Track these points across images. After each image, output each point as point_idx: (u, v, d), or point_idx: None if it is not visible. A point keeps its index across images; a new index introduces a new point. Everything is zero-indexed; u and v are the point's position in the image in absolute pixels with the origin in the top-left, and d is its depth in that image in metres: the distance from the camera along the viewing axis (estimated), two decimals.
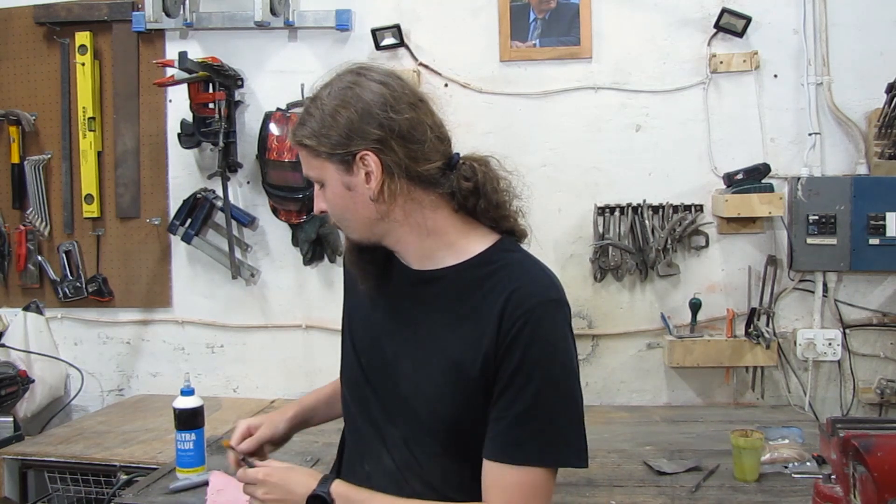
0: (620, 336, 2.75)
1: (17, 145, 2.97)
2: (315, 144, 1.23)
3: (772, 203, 2.53)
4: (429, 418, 1.24)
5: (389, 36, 2.71)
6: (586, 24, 2.70)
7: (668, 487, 1.87)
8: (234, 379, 2.95)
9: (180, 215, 2.86)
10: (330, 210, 1.28)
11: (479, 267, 1.26)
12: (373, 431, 1.32)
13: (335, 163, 1.22)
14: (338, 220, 1.30)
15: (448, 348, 1.23)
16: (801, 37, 2.61)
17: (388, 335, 1.31)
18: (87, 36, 2.90)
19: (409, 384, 1.27)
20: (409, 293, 1.30)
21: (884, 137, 2.49)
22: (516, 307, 1.18)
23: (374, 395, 1.32)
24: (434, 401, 1.23)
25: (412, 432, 1.27)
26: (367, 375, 1.33)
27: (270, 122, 2.67)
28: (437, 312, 1.26)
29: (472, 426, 1.21)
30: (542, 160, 2.74)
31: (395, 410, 1.29)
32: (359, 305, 1.39)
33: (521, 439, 1.16)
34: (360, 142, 1.20)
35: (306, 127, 1.24)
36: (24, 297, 3.02)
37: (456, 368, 1.21)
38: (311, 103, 1.26)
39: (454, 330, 1.23)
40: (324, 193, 1.27)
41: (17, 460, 2.37)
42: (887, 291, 2.64)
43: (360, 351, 1.35)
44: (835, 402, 2.68)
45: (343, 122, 1.21)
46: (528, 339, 1.17)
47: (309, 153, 1.24)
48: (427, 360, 1.25)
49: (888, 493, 1.15)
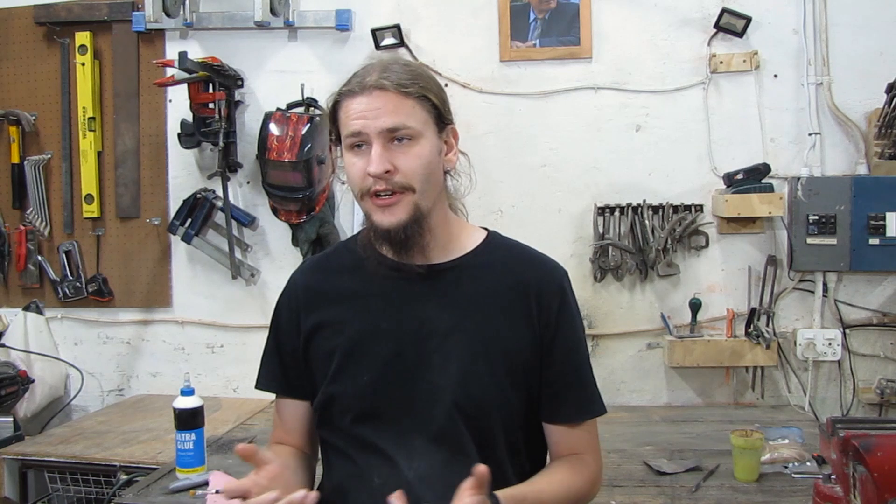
0: (620, 336, 2.75)
1: (17, 145, 2.97)
2: (430, 95, 1.25)
3: (772, 203, 2.53)
4: (470, 406, 1.24)
5: (389, 36, 2.71)
6: (586, 24, 2.70)
7: (668, 487, 1.87)
8: (234, 379, 2.95)
9: (180, 215, 2.86)
10: (415, 167, 1.22)
11: (490, 254, 1.33)
12: (390, 444, 1.25)
13: (435, 122, 1.26)
14: (418, 181, 1.23)
15: (486, 334, 1.27)
16: (801, 37, 2.61)
17: (406, 338, 1.27)
18: (87, 36, 2.90)
19: (444, 379, 1.25)
20: (425, 289, 1.29)
21: (884, 137, 2.49)
22: (549, 285, 1.32)
23: (393, 406, 1.26)
24: (477, 387, 1.25)
25: (444, 429, 1.24)
26: (384, 388, 1.26)
27: (270, 122, 2.67)
28: (464, 302, 1.29)
29: (510, 405, 1.27)
30: (542, 160, 2.74)
31: (422, 412, 1.24)
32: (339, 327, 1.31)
33: (582, 399, 1.33)
34: (451, 115, 1.29)
35: (408, 77, 1.23)
36: (24, 297, 3.02)
37: (501, 352, 1.26)
38: (400, 65, 1.26)
39: (489, 316, 1.28)
40: (407, 148, 1.22)
41: (17, 460, 2.37)
42: (887, 291, 2.64)
43: (367, 366, 1.28)
44: (835, 402, 2.68)
45: (442, 91, 1.29)
46: (563, 311, 1.31)
47: (418, 103, 1.23)
48: (466, 351, 1.26)
49: (888, 493, 1.15)
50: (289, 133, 2.61)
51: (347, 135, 1.24)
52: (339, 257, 1.40)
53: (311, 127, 2.62)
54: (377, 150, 1.21)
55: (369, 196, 1.24)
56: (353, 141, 1.24)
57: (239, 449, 1.14)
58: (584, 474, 1.31)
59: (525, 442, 1.33)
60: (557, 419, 1.32)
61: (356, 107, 1.23)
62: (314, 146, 2.62)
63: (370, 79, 1.23)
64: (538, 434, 1.34)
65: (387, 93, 1.21)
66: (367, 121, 1.21)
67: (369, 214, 1.27)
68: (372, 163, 1.21)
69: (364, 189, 1.24)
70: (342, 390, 1.29)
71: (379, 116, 1.21)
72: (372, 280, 1.32)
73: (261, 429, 2.37)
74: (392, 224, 1.24)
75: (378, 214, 1.25)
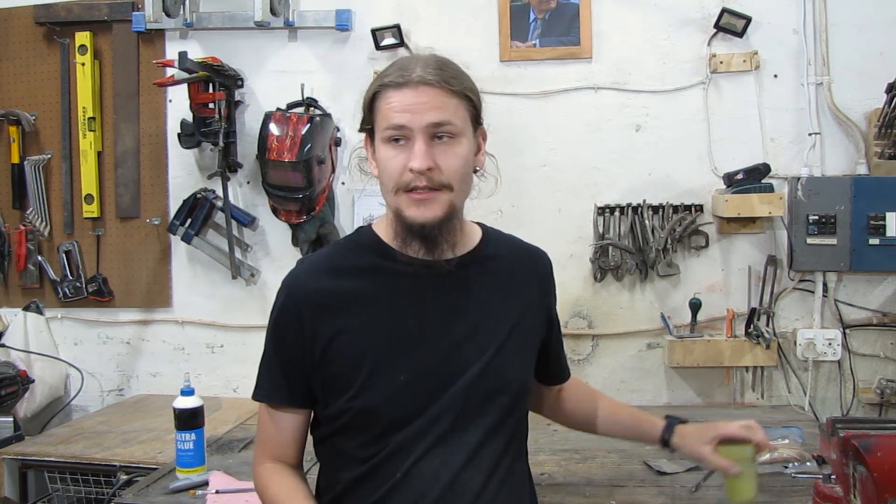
0: (620, 336, 2.75)
1: (17, 145, 2.97)
2: (472, 96, 1.26)
3: (772, 203, 2.52)
4: (502, 389, 1.30)
5: (389, 36, 2.71)
6: (586, 24, 2.70)
7: (668, 487, 1.87)
8: (234, 379, 2.95)
9: (180, 215, 2.85)
10: (456, 167, 1.23)
11: (493, 247, 1.39)
12: (418, 436, 1.25)
13: (473, 123, 1.27)
14: (457, 180, 1.23)
15: (507, 318, 1.34)
16: (801, 37, 2.61)
17: (437, 335, 1.28)
18: (87, 36, 2.90)
19: (479, 369, 1.28)
20: (446, 284, 1.30)
21: (884, 137, 2.49)
22: (546, 270, 1.46)
23: (433, 404, 1.26)
24: (511, 372, 1.32)
25: (475, 414, 1.27)
26: (422, 388, 1.26)
27: (270, 122, 2.67)
28: (483, 292, 1.33)
29: (529, 381, 1.40)
30: (542, 160, 2.74)
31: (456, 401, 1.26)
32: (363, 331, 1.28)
33: (565, 363, 1.57)
34: (481, 116, 1.31)
35: (454, 76, 1.24)
36: (24, 297, 3.02)
37: (522, 333, 1.35)
38: (446, 64, 1.26)
39: (507, 303, 1.35)
40: (448, 147, 1.22)
41: (17, 460, 2.37)
42: (887, 291, 2.64)
43: (403, 368, 1.26)
44: (835, 402, 2.68)
45: (477, 91, 1.30)
46: (554, 292, 1.48)
47: (461, 102, 1.24)
48: (491, 337, 1.31)
49: (888, 493, 1.15)
50: (289, 133, 2.61)
51: (388, 127, 1.22)
52: (346, 258, 1.34)
53: (311, 127, 2.62)
54: (421, 147, 1.19)
55: (405, 191, 1.22)
56: (393, 134, 1.22)
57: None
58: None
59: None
60: (558, 381, 1.56)
61: (401, 99, 1.21)
62: (314, 146, 2.62)
63: (416, 73, 1.21)
64: None
65: (433, 88, 1.20)
66: (412, 115, 1.20)
67: (401, 210, 1.24)
68: (416, 158, 1.19)
69: (402, 184, 1.22)
70: (377, 396, 1.25)
71: (425, 111, 1.20)
72: (386, 278, 1.30)
73: None
74: (427, 219, 1.22)
75: (412, 209, 1.23)
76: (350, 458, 1.29)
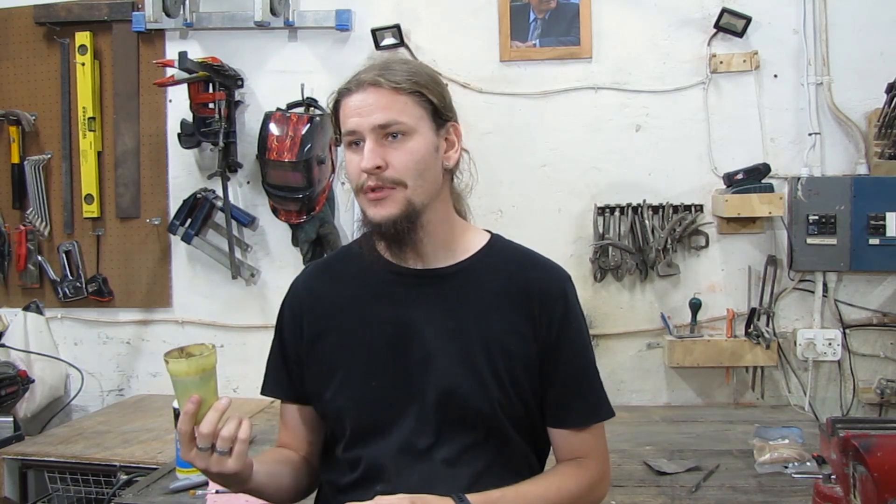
0: (620, 336, 2.75)
1: (17, 145, 2.97)
2: (426, 92, 1.24)
3: (772, 203, 2.53)
4: (473, 408, 1.25)
5: (389, 36, 2.71)
6: (586, 24, 2.70)
7: (668, 487, 1.87)
8: (234, 379, 2.94)
9: (180, 215, 2.86)
10: (407, 163, 1.22)
11: (493, 258, 1.33)
12: (390, 453, 1.26)
13: (431, 118, 1.26)
14: (410, 176, 1.23)
15: (488, 336, 1.27)
16: (801, 37, 2.61)
17: (408, 344, 1.27)
18: (87, 36, 2.90)
19: (446, 384, 1.25)
20: (429, 293, 1.29)
21: (884, 137, 2.49)
22: (552, 289, 1.31)
23: (395, 415, 1.26)
24: (479, 389, 1.25)
25: (450, 430, 1.25)
26: (385, 397, 1.27)
27: (270, 122, 2.67)
28: (466, 306, 1.29)
29: (513, 408, 1.27)
30: (542, 160, 2.74)
31: (428, 414, 1.25)
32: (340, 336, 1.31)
33: (587, 404, 1.32)
34: (451, 112, 1.29)
35: (403, 74, 1.23)
36: (24, 297, 3.02)
37: (501, 354, 1.26)
38: (397, 63, 1.27)
39: (490, 320, 1.28)
40: (400, 144, 1.22)
41: (17, 460, 2.37)
42: (887, 291, 2.64)
43: (370, 376, 1.28)
44: (835, 402, 2.68)
45: (441, 87, 1.29)
46: (566, 316, 1.30)
47: (412, 99, 1.23)
48: (468, 353, 1.26)
49: (888, 493, 1.15)
50: (289, 133, 2.61)
51: (345, 133, 1.26)
52: (342, 262, 1.40)
53: (311, 127, 2.62)
54: (369, 146, 1.22)
55: (363, 192, 1.25)
56: (350, 139, 1.25)
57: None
58: (580, 477, 1.29)
59: (534, 445, 1.34)
60: (562, 425, 1.32)
61: (352, 103, 1.24)
62: (314, 146, 2.61)
63: (366, 76, 1.24)
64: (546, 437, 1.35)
65: (380, 89, 1.22)
66: (360, 118, 1.23)
67: (364, 210, 1.28)
68: (364, 158, 1.22)
69: (359, 185, 1.25)
70: (348, 400, 1.29)
71: (371, 113, 1.22)
72: (372, 285, 1.32)
73: (261, 429, 2.36)
74: (383, 218, 1.24)
75: (371, 209, 1.25)
76: (337, 463, 1.33)
